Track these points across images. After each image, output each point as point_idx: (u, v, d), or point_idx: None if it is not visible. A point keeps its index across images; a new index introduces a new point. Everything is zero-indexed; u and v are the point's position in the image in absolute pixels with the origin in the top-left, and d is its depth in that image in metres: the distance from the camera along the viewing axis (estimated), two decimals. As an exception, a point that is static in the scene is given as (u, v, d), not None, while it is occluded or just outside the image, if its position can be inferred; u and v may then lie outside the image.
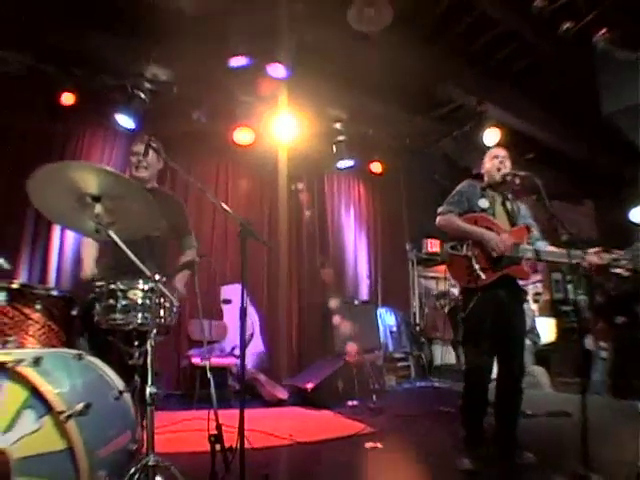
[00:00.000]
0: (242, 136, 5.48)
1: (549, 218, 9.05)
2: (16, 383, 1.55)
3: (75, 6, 4.27)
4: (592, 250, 2.87)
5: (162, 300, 2.33)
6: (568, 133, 6.60)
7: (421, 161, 6.63)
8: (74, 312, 2.54)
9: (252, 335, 5.43)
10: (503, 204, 3.12)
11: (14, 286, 2.32)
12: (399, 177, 7.14)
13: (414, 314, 7.07)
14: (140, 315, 2.25)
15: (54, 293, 2.49)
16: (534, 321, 6.95)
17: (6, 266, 2.21)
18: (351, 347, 5.31)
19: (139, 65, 4.82)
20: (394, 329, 6.43)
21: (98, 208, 2.07)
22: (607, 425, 3.47)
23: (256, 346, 5.44)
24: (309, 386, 4.81)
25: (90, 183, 2.01)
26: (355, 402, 4.80)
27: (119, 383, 2.11)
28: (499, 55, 5.33)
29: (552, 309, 7.61)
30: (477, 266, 2.86)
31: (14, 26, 4.24)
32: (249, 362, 5.28)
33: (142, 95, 4.81)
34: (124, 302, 2.26)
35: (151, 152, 2.82)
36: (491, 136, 5.70)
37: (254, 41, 4.53)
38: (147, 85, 4.86)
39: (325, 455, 3.22)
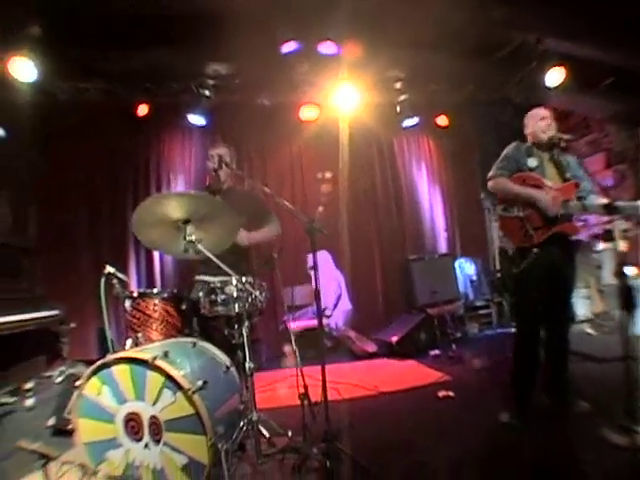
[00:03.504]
0: (307, 112, 6.04)
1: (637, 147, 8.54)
2: (155, 372, 2.30)
3: (132, 27, 4.90)
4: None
5: (252, 290, 3.04)
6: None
7: (488, 108, 6.66)
8: (183, 307, 3.27)
9: (340, 296, 6.15)
10: (552, 161, 3.22)
11: (135, 294, 3.11)
12: (467, 127, 7.23)
13: (494, 261, 7.36)
14: (236, 305, 2.96)
15: (165, 295, 3.21)
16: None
17: (125, 279, 3.00)
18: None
19: (201, 65, 5.40)
20: (474, 278, 6.79)
21: (189, 229, 2.75)
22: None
23: (344, 305, 6.15)
24: (394, 339, 5.47)
25: (178, 210, 2.67)
26: (437, 351, 5.38)
27: (226, 360, 2.87)
28: None
29: None
30: (529, 226, 3.06)
31: (85, 57, 5.01)
32: (339, 320, 6.01)
33: (207, 93, 5.44)
34: (223, 296, 3.01)
35: (228, 158, 3.51)
36: (554, 76, 5.62)
37: (300, 24, 4.87)
38: (210, 82, 5.45)
39: (402, 404, 3.82)
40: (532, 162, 3.18)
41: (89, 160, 5.85)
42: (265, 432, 2.87)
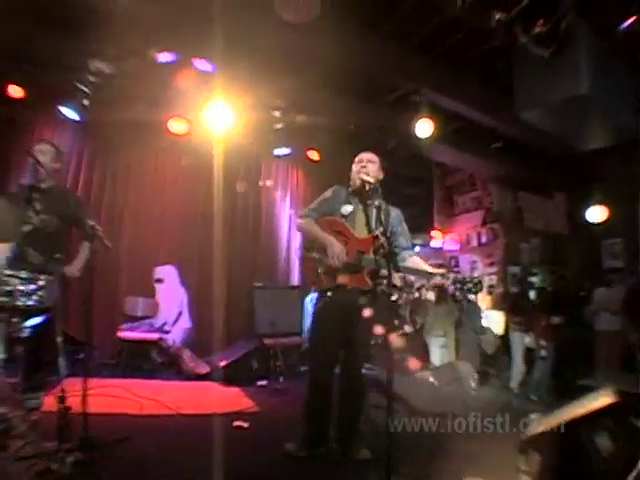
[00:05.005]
0: (176, 126, 6.11)
1: (515, 210, 9.21)
2: None
3: (22, 6, 4.85)
4: (438, 270, 3.15)
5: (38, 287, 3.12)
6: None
7: (362, 149, 7.01)
8: None
9: (180, 313, 6.23)
10: (365, 209, 3.23)
11: None
12: (339, 164, 7.53)
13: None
14: (21, 299, 3.05)
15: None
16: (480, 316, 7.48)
17: None
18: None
19: (84, 60, 5.37)
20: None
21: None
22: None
23: (184, 322, 6.23)
24: (222, 364, 5.60)
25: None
26: (264, 382, 5.55)
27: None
28: (450, 41, 5.31)
29: (504, 303, 7.90)
30: (321, 270, 3.16)
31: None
32: (177, 337, 6.07)
33: (85, 89, 5.43)
34: (7, 288, 3.04)
35: (47, 157, 3.57)
36: (423, 127, 5.81)
37: (178, 37, 4.97)
38: (91, 78, 5.43)
39: (192, 427, 3.90)
40: (346, 209, 3.25)
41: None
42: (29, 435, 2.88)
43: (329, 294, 3.16)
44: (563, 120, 4.77)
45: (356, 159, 3.37)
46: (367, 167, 3.25)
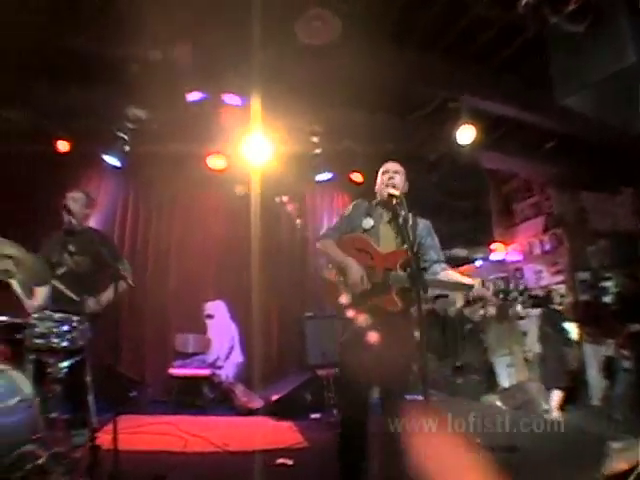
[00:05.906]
0: (215, 162, 6.21)
1: (577, 211, 8.40)
2: None
3: (61, 66, 5.19)
4: (473, 280, 2.85)
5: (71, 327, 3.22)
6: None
7: (407, 166, 6.85)
8: (19, 335, 3.31)
9: (232, 348, 6.20)
10: (390, 222, 3.02)
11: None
12: None
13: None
14: (55, 340, 3.19)
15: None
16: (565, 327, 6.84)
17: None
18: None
19: (122, 108, 5.64)
20: (377, 342, 6.84)
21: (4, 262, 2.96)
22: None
23: (237, 357, 6.20)
24: (274, 398, 5.48)
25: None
26: (317, 415, 5.35)
27: (23, 392, 2.90)
28: (480, 41, 5.06)
29: (576, 312, 7.32)
30: (344, 295, 2.85)
31: (13, 89, 5.24)
32: (230, 372, 6.03)
33: (125, 136, 5.67)
34: (42, 330, 3.18)
35: (78, 204, 3.72)
36: (466, 134, 5.61)
37: (206, 74, 5.10)
38: (129, 125, 5.68)
39: (235, 465, 3.79)
40: (367, 223, 3.02)
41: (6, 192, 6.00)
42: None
43: (355, 321, 2.82)
44: (610, 101, 4.13)
45: (381, 170, 3.15)
46: (394, 178, 3.03)
